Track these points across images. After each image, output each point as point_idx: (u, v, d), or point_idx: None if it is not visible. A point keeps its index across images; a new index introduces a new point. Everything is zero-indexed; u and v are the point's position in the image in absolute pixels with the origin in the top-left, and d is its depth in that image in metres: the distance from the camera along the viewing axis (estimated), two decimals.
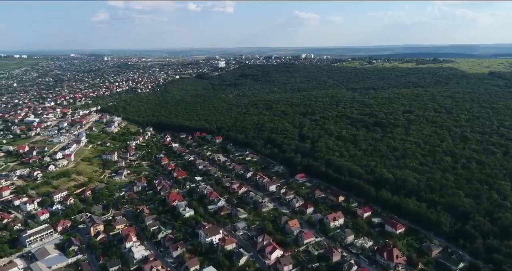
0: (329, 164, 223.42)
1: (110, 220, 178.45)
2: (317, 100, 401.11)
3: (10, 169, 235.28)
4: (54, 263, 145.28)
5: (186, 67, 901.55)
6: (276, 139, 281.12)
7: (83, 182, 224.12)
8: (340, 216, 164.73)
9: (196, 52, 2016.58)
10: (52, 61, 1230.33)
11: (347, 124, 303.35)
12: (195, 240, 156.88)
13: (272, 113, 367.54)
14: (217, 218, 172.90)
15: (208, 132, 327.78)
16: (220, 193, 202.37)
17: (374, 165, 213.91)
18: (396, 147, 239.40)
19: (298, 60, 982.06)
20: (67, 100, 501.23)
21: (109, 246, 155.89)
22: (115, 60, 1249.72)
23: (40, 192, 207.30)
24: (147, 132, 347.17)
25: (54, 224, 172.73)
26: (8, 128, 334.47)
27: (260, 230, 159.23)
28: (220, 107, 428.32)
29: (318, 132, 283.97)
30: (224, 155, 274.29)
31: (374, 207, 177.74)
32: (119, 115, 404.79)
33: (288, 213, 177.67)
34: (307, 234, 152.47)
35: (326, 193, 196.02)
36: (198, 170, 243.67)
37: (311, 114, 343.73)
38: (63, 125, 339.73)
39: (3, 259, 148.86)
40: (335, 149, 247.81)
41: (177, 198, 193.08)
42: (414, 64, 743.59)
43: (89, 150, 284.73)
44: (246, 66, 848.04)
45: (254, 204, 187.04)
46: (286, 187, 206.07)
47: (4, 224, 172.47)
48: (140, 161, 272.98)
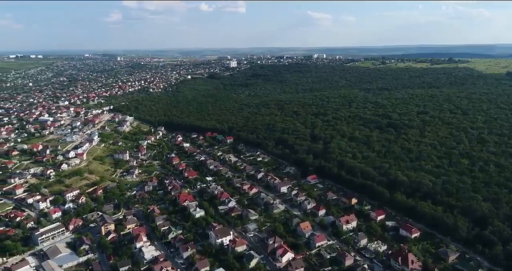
0: (341, 165, 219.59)
1: (121, 220, 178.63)
2: (330, 101, 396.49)
3: (24, 167, 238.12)
4: (65, 261, 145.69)
5: (198, 67, 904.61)
6: (287, 139, 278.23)
7: (95, 181, 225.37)
8: (353, 219, 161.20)
9: (208, 52, 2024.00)
10: (66, 61, 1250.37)
11: (360, 125, 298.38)
12: (205, 241, 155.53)
13: (284, 114, 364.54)
14: (227, 219, 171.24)
15: (219, 132, 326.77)
16: (231, 193, 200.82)
17: (388, 166, 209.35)
18: (411, 148, 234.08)
19: (310, 60, 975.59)
20: (81, 99, 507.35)
21: (120, 245, 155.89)
22: (128, 60, 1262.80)
23: (53, 190, 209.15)
24: (159, 132, 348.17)
25: (66, 222, 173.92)
26: (23, 127, 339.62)
27: (271, 232, 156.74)
28: (231, 107, 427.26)
29: (331, 133, 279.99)
30: (235, 155, 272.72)
31: (388, 210, 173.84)
32: (131, 114, 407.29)
33: (299, 215, 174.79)
34: (319, 237, 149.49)
35: (339, 195, 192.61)
36: (209, 170, 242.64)
37: (323, 115, 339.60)
38: (76, 125, 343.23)
39: (16, 257, 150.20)
40: (347, 150, 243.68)
41: (187, 198, 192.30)
42: (429, 64, 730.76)
43: (101, 149, 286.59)
44: (257, 66, 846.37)
45: (265, 205, 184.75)
46: (298, 188, 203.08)
47: (17, 222, 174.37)
48: (151, 160, 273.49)
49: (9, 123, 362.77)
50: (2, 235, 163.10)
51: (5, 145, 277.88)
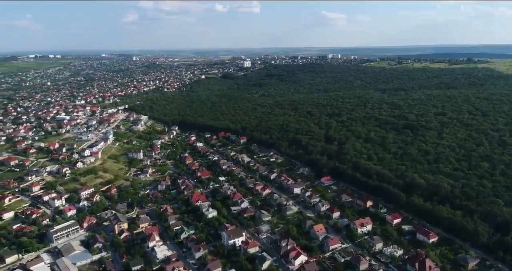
0: (356, 167, 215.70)
1: (134, 219, 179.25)
2: (344, 101, 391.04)
3: (40, 165, 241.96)
4: (79, 259, 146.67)
5: (212, 67, 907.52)
6: (301, 140, 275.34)
7: (109, 180, 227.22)
8: (368, 222, 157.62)
9: (222, 52, 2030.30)
10: (84, 61, 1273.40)
11: (375, 126, 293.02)
12: (217, 241, 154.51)
13: (298, 114, 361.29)
14: (240, 219, 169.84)
15: (233, 132, 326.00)
16: (244, 194, 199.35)
17: (404, 169, 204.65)
18: (428, 150, 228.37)
19: (325, 60, 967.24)
20: (97, 98, 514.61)
21: (133, 244, 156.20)
22: (143, 60, 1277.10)
23: (68, 188, 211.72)
24: (172, 131, 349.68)
25: (80, 220, 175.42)
26: (41, 126, 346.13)
27: (284, 233, 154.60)
28: (245, 107, 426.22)
29: (345, 134, 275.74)
30: (248, 155, 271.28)
31: (405, 213, 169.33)
32: (146, 114, 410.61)
33: (313, 217, 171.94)
34: (333, 240, 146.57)
35: (353, 197, 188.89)
36: (222, 170, 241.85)
37: (337, 116, 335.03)
38: (91, 123, 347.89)
39: (31, 254, 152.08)
40: (362, 151, 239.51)
41: (200, 198, 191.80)
42: (447, 64, 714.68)
43: (116, 147, 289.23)
44: (271, 66, 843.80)
45: (278, 207, 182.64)
46: (311, 190, 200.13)
47: (33, 219, 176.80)
48: (164, 159, 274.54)
49: (27, 121, 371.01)
50: (19, 231, 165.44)
51: (23, 143, 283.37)
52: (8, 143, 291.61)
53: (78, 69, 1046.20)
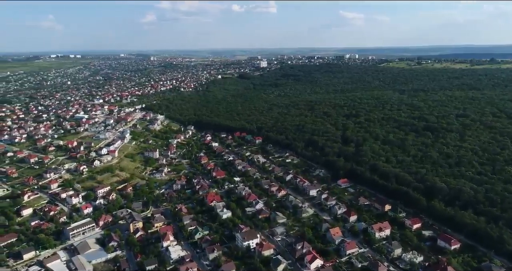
0: (374, 169, 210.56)
1: (149, 218, 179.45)
2: (362, 102, 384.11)
3: (59, 163, 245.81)
4: (94, 257, 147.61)
5: (228, 67, 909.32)
6: (317, 141, 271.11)
7: (125, 178, 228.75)
8: (386, 227, 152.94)
9: (238, 53, 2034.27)
10: (103, 60, 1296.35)
11: (394, 127, 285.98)
12: (231, 243, 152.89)
13: (314, 115, 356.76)
14: (255, 221, 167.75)
15: (248, 133, 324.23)
16: (259, 195, 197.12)
17: (424, 172, 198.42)
18: (450, 153, 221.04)
19: (342, 61, 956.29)
20: (114, 98, 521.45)
21: (147, 244, 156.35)
22: (161, 60, 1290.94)
23: (85, 186, 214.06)
24: (188, 131, 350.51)
25: (96, 218, 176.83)
26: (60, 124, 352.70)
27: (299, 236, 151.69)
28: (260, 107, 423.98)
29: (363, 136, 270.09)
30: (264, 156, 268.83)
31: (425, 218, 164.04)
32: (162, 113, 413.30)
33: (329, 220, 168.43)
34: (350, 244, 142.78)
35: (371, 201, 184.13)
36: (237, 170, 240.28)
37: (355, 116, 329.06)
38: (109, 122, 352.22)
39: (48, 251, 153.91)
40: (381, 153, 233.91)
41: (215, 198, 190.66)
42: (469, 65, 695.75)
43: (132, 146, 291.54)
44: (288, 67, 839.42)
45: (294, 209, 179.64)
46: (328, 192, 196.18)
47: (50, 216, 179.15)
48: (180, 159, 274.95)
49: (47, 120, 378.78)
50: (37, 228, 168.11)
51: (43, 141, 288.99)
52: (29, 140, 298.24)
53: (97, 68, 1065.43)
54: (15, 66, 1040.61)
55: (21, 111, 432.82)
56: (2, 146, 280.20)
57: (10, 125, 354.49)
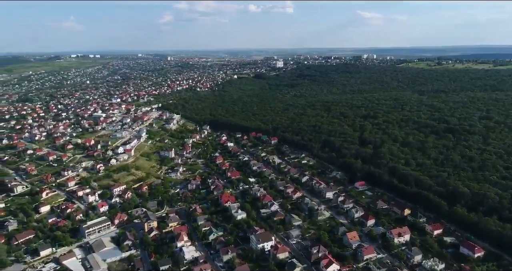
0: (393, 172, 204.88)
1: (163, 217, 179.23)
2: (380, 103, 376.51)
3: (77, 161, 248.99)
4: (109, 256, 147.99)
5: (244, 67, 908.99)
6: (334, 142, 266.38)
7: (141, 177, 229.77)
8: (406, 232, 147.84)
9: (255, 53, 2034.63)
10: (121, 60, 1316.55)
11: (413, 129, 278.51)
12: (246, 245, 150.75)
13: (331, 115, 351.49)
14: (269, 223, 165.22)
15: (264, 133, 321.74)
16: (274, 196, 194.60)
17: (446, 176, 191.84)
18: (473, 157, 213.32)
19: (359, 61, 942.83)
20: (132, 97, 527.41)
21: (161, 243, 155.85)
22: (178, 60, 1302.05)
23: (101, 184, 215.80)
24: (204, 130, 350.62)
25: (111, 217, 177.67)
26: (79, 122, 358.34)
27: (315, 240, 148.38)
28: (276, 107, 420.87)
29: (381, 137, 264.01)
30: (279, 157, 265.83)
31: (446, 224, 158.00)
32: (178, 113, 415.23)
33: (346, 224, 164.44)
34: (367, 249, 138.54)
35: (390, 204, 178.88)
36: (252, 171, 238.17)
37: (372, 118, 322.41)
38: (126, 121, 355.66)
39: (64, 248, 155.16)
40: (400, 156, 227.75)
41: (230, 199, 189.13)
42: (491, 65, 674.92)
43: (148, 145, 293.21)
44: (304, 67, 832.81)
45: (309, 211, 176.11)
46: (345, 195, 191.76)
47: (67, 213, 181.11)
48: (195, 158, 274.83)
49: (66, 118, 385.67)
50: (54, 225, 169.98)
51: (61, 139, 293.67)
52: (48, 138, 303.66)
53: (116, 68, 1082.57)
54: (37, 66, 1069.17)
55: (42, 109, 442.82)
56: (22, 143, 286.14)
57: (30, 124, 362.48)
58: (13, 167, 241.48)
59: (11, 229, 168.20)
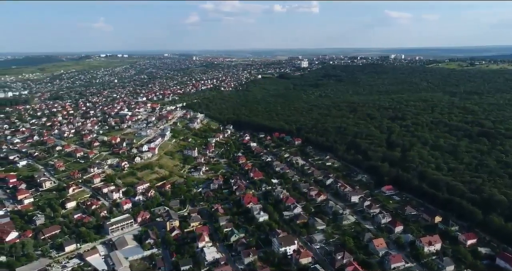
0: (422, 176, 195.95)
1: (185, 216, 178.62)
2: (408, 104, 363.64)
3: (102, 158, 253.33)
4: (131, 254, 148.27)
5: (269, 67, 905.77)
6: (360, 144, 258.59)
7: (164, 176, 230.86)
8: (436, 240, 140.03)
9: (279, 53, 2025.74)
10: (148, 60, 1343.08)
11: (444, 132, 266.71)
12: (268, 247, 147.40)
13: (357, 117, 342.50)
14: (292, 226, 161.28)
15: (287, 133, 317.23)
16: (297, 198, 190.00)
17: (480, 182, 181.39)
18: (509, 162, 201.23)
19: (387, 61, 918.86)
20: (157, 96, 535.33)
21: (183, 243, 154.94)
22: (203, 59, 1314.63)
23: (126, 182, 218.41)
24: (227, 130, 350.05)
25: (134, 214, 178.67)
26: (105, 120, 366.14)
27: (339, 245, 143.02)
28: (300, 108, 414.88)
29: (410, 140, 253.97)
30: (303, 158, 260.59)
31: (481, 233, 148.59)
32: (202, 112, 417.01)
33: (372, 229, 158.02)
34: (395, 257, 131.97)
35: (419, 211, 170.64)
36: (275, 172, 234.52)
37: (401, 119, 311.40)
38: (151, 120, 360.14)
39: (88, 244, 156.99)
40: (430, 159, 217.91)
41: (252, 200, 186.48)
42: None
43: (172, 144, 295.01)
44: (329, 67, 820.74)
45: (334, 215, 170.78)
46: (371, 199, 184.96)
47: (92, 210, 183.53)
48: (218, 158, 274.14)
49: (94, 116, 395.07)
50: (79, 221, 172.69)
51: (88, 136, 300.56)
52: (76, 135, 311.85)
53: (143, 68, 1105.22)
54: (68, 65, 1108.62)
55: (71, 107, 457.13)
56: (52, 140, 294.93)
57: (60, 121, 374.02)
58: (43, 162, 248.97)
59: (39, 223, 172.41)
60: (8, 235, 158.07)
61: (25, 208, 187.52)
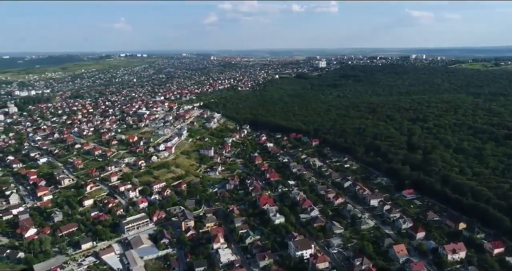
0: (446, 180, 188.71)
1: (200, 217, 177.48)
2: (430, 106, 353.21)
3: (120, 157, 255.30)
4: (146, 253, 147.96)
5: (286, 67, 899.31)
6: (380, 146, 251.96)
7: (180, 175, 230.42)
8: (461, 248, 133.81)
9: (296, 53, 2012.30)
10: (166, 60, 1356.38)
11: (468, 135, 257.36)
12: (283, 251, 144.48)
13: (376, 117, 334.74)
14: (309, 229, 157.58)
15: (304, 134, 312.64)
16: (314, 201, 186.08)
17: (507, 187, 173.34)
18: None
19: (407, 61, 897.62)
20: (175, 95, 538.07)
21: (198, 244, 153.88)
22: (220, 59, 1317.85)
23: (142, 180, 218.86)
24: (244, 130, 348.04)
25: (150, 213, 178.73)
26: (124, 119, 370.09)
27: (358, 251, 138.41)
28: (318, 108, 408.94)
29: (432, 142, 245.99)
30: (320, 159, 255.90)
31: (509, 242, 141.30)
32: (219, 112, 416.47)
33: (392, 235, 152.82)
34: (417, 265, 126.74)
35: (442, 217, 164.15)
36: (292, 173, 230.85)
37: (422, 121, 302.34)
38: (168, 119, 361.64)
39: (104, 242, 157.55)
40: (453, 163, 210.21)
41: (268, 201, 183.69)
42: None
43: (189, 143, 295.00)
44: (348, 67, 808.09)
45: (352, 219, 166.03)
46: (391, 203, 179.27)
47: (109, 208, 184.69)
48: (234, 158, 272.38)
49: (113, 114, 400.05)
50: (95, 219, 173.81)
51: (107, 135, 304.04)
52: (95, 133, 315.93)
53: (161, 67, 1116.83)
54: (89, 64, 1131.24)
55: (91, 106, 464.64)
56: (72, 138, 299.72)
57: (80, 119, 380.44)
58: (62, 160, 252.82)
59: (57, 220, 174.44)
60: (27, 231, 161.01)
61: (44, 205, 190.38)
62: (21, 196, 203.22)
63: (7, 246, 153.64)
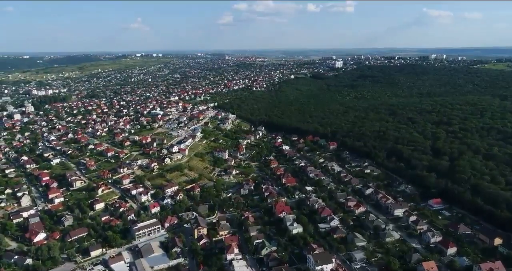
0: (476, 190, 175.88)
1: (214, 224, 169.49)
2: (454, 108, 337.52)
3: (133, 158, 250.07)
4: (156, 263, 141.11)
5: (302, 67, 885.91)
6: (402, 150, 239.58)
7: (193, 178, 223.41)
8: (499, 267, 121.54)
9: (312, 53, 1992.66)
10: (181, 59, 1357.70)
11: (498, 140, 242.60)
12: (302, 264, 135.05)
13: (397, 120, 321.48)
14: (329, 241, 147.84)
15: (322, 137, 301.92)
16: (334, 209, 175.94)
17: None
18: None
19: (427, 62, 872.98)
20: (189, 95, 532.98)
21: (210, 253, 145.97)
22: (235, 59, 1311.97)
23: (155, 183, 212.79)
24: (259, 131, 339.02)
25: (162, 219, 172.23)
26: (138, 119, 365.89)
27: (383, 267, 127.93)
28: (335, 110, 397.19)
29: (458, 148, 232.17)
30: (339, 164, 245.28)
31: None
32: (234, 112, 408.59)
33: (420, 249, 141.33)
34: None
35: (475, 230, 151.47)
36: (309, 178, 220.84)
37: (447, 124, 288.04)
38: (182, 120, 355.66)
39: (114, 250, 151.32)
40: (483, 171, 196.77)
41: (284, 209, 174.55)
42: None
43: (203, 145, 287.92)
44: (365, 67, 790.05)
45: (375, 230, 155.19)
46: (417, 213, 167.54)
47: (120, 212, 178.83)
48: (249, 161, 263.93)
49: (127, 115, 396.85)
50: (106, 224, 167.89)
51: (121, 135, 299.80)
52: (109, 134, 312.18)
53: (176, 67, 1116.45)
54: (105, 64, 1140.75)
55: (106, 105, 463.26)
56: (85, 138, 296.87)
57: (94, 119, 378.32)
58: (75, 161, 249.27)
59: (67, 224, 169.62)
60: (36, 236, 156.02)
61: (55, 208, 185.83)
62: (32, 197, 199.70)
63: (15, 251, 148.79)
